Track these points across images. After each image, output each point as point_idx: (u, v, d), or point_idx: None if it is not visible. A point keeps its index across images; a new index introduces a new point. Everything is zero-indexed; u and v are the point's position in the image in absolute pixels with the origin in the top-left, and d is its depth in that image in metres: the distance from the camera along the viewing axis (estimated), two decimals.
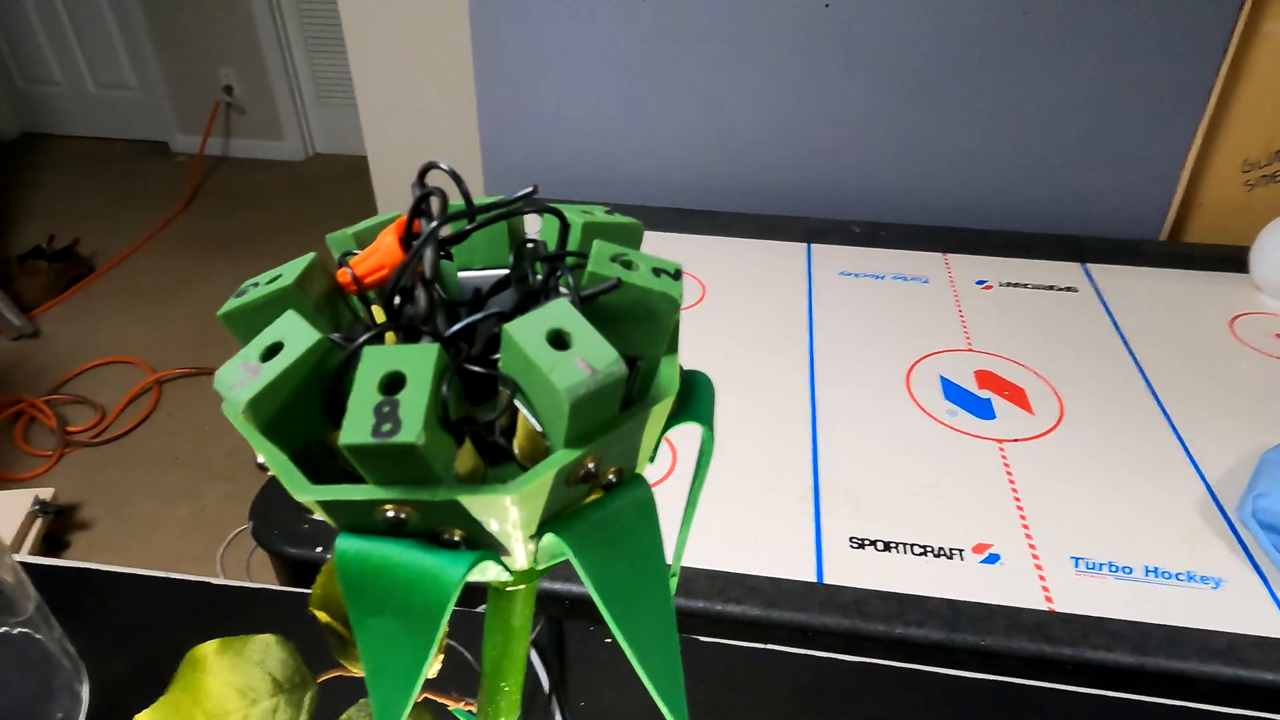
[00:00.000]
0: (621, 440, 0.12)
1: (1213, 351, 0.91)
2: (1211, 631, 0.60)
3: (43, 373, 1.88)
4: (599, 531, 0.12)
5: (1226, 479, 0.75)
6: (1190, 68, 1.07)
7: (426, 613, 0.12)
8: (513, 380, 0.12)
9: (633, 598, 0.13)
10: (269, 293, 0.13)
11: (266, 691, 0.20)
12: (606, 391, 0.11)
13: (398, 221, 0.14)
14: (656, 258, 0.13)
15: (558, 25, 1.18)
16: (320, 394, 0.13)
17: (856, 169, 1.22)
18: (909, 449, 0.78)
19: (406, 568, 0.12)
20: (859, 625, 0.61)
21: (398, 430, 0.10)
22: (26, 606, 0.51)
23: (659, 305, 0.13)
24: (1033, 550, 0.68)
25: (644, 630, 0.13)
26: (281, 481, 0.12)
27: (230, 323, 0.14)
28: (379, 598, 0.12)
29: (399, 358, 0.11)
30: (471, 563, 0.12)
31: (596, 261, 0.13)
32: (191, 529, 1.51)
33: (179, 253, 2.36)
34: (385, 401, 0.11)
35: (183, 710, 0.20)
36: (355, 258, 0.15)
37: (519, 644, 0.18)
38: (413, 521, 0.12)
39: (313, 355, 0.12)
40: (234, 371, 0.12)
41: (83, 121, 3.04)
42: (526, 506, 0.12)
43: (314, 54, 2.74)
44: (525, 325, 0.12)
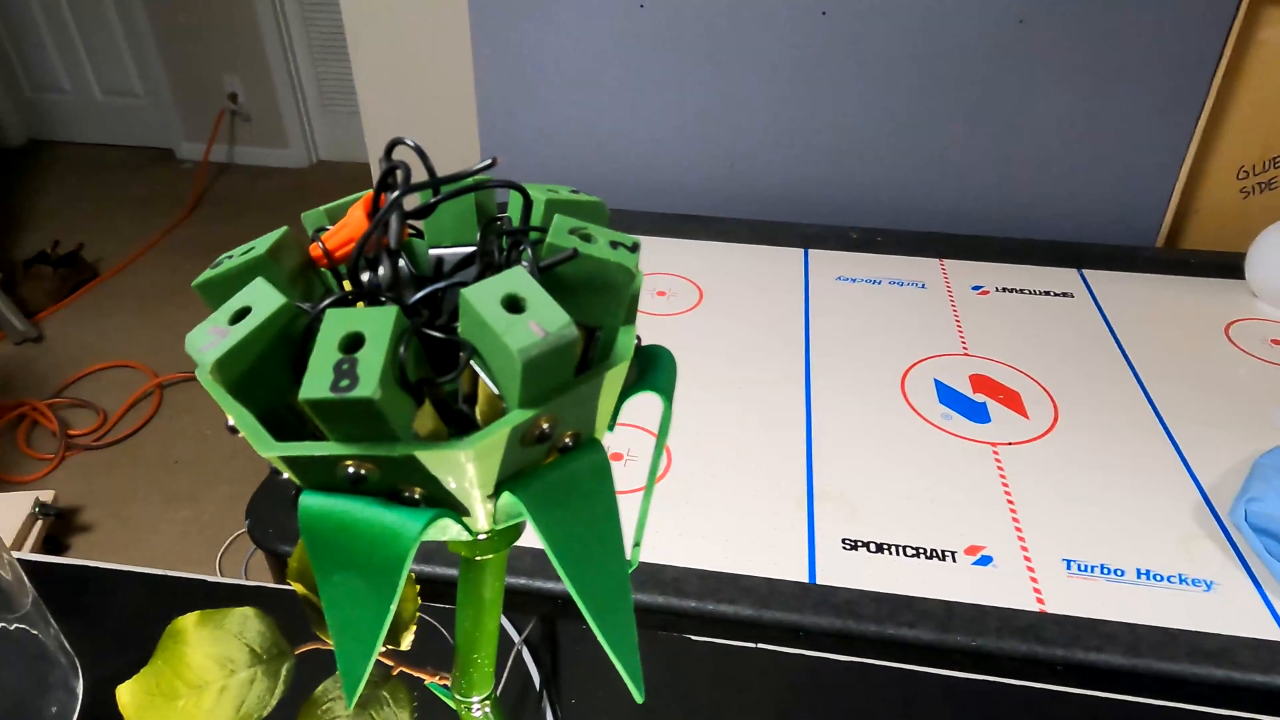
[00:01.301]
0: (576, 404, 0.13)
1: (1208, 357, 0.92)
2: (1204, 633, 0.60)
3: (46, 376, 1.89)
4: (555, 492, 0.13)
5: (1220, 483, 0.75)
6: (1186, 75, 1.08)
7: (386, 567, 0.12)
8: (470, 344, 0.12)
9: (588, 558, 0.13)
10: (242, 263, 0.14)
11: (245, 662, 0.20)
12: (559, 354, 0.12)
13: (366, 197, 0.15)
14: (615, 232, 0.14)
15: (557, 33, 1.20)
16: (287, 358, 0.13)
17: (853, 175, 1.23)
18: (903, 452, 0.79)
19: (367, 523, 0.12)
20: (851, 626, 0.61)
21: (355, 386, 0.11)
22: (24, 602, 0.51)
23: (615, 276, 0.13)
24: (1025, 552, 0.68)
25: (599, 591, 0.13)
26: (249, 440, 0.13)
27: (205, 292, 0.14)
28: (341, 554, 0.12)
29: (359, 319, 0.12)
30: (429, 519, 0.12)
31: (556, 234, 0.14)
32: (191, 532, 1.52)
33: (182, 259, 2.37)
34: (345, 359, 0.11)
35: (164, 680, 0.20)
36: (327, 233, 0.15)
37: (490, 616, 0.18)
38: (373, 478, 0.12)
39: (279, 318, 0.13)
40: (204, 334, 0.13)
41: (89, 128, 3.06)
42: (482, 464, 0.12)
43: (318, 62, 2.76)
44: (482, 290, 0.12)
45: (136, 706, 0.20)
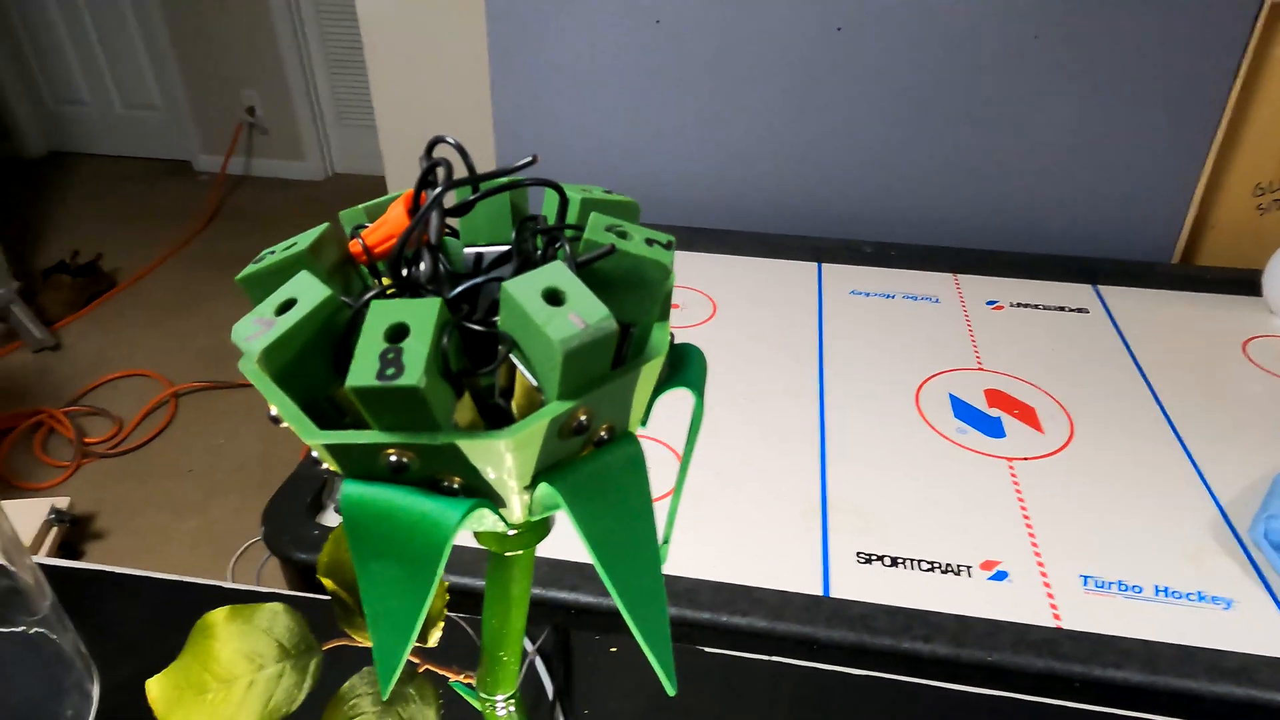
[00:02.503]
0: (613, 397, 0.13)
1: (1225, 373, 0.91)
2: (1223, 651, 0.60)
3: (63, 384, 1.91)
4: (591, 483, 0.13)
5: (1238, 500, 0.74)
6: (1202, 91, 1.08)
7: (425, 555, 0.12)
8: (510, 337, 0.13)
9: (622, 550, 0.13)
10: (284, 258, 0.14)
11: (273, 657, 0.20)
12: (598, 345, 0.12)
13: (406, 194, 0.15)
14: (650, 230, 0.14)
15: (573, 49, 1.21)
16: (330, 349, 0.13)
17: (867, 189, 1.23)
18: (917, 466, 0.78)
19: (407, 511, 0.12)
20: (865, 639, 0.61)
21: (401, 374, 0.11)
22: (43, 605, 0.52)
23: (651, 272, 0.14)
24: (1041, 568, 0.68)
25: (633, 582, 0.13)
26: (294, 429, 0.13)
27: (248, 286, 0.15)
28: (381, 541, 0.13)
29: (403, 310, 0.12)
30: (468, 508, 0.12)
31: (593, 230, 0.14)
32: (202, 541, 1.52)
33: (199, 269, 2.39)
34: (390, 349, 0.12)
35: (192, 675, 0.20)
36: (366, 229, 0.15)
37: (518, 614, 0.18)
38: (414, 467, 0.12)
39: (323, 310, 0.13)
40: (249, 325, 0.13)
41: (109, 141, 3.10)
42: (521, 454, 0.12)
43: (335, 75, 2.79)
44: (522, 283, 0.12)
45: (166, 700, 0.20)
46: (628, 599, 0.13)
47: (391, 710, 0.20)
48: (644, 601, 0.13)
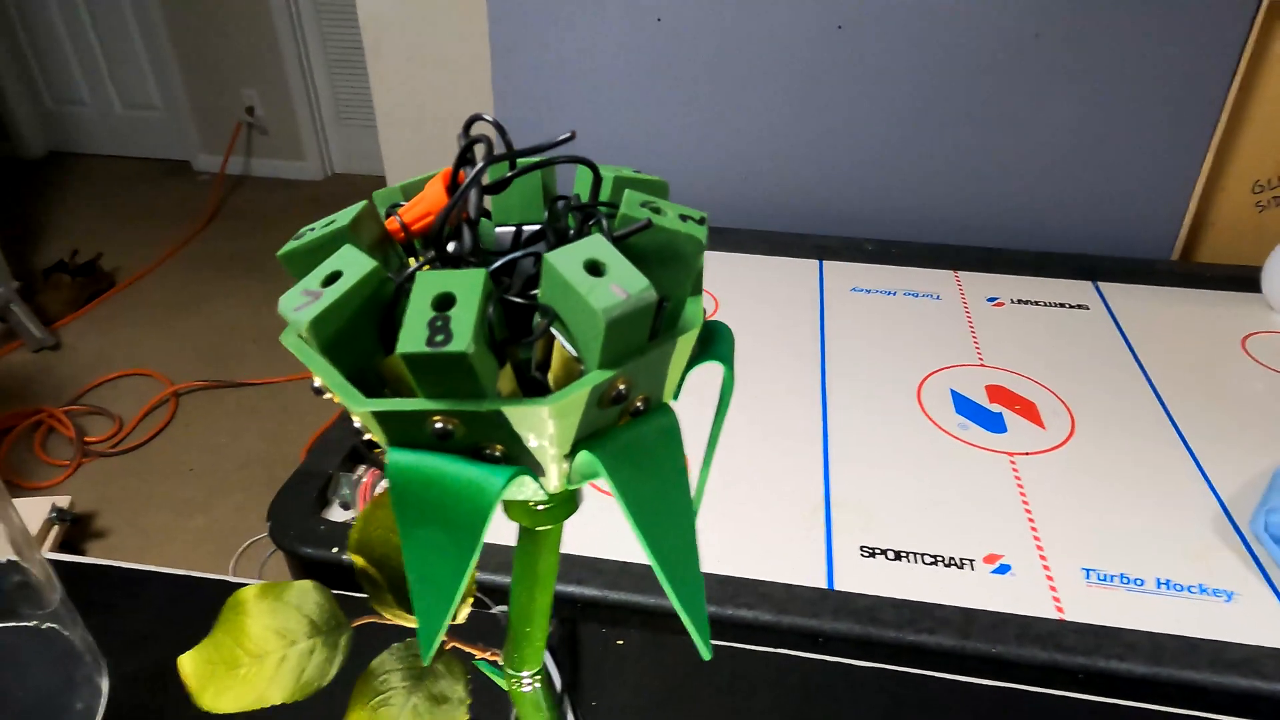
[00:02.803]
0: (650, 368, 0.13)
1: (1225, 369, 0.92)
2: (1226, 643, 0.60)
3: (63, 384, 1.91)
4: (629, 451, 0.13)
5: (1239, 494, 0.75)
6: (1201, 89, 1.08)
7: (470, 521, 0.13)
8: (551, 309, 0.13)
9: (659, 517, 0.13)
10: (324, 234, 0.15)
11: (304, 633, 0.20)
12: (638, 315, 0.12)
13: (443, 172, 0.16)
14: (683, 207, 0.14)
15: (575, 48, 1.21)
16: (374, 320, 0.14)
17: (868, 187, 1.23)
18: (920, 461, 0.79)
19: (452, 478, 0.13)
20: (871, 631, 0.61)
21: (449, 340, 0.12)
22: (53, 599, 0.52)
23: (685, 247, 0.14)
24: (1044, 561, 0.68)
25: (669, 548, 0.14)
26: (340, 398, 0.13)
27: (289, 263, 0.15)
28: (426, 508, 0.13)
29: (449, 280, 0.12)
30: (511, 475, 0.13)
31: (628, 206, 0.14)
32: (205, 540, 1.53)
33: (198, 269, 2.39)
34: (438, 317, 0.12)
35: (224, 650, 0.21)
36: (403, 207, 0.16)
37: (545, 590, 0.18)
38: (459, 434, 0.13)
39: (369, 281, 0.13)
40: (297, 297, 0.13)
41: (108, 141, 3.10)
42: (563, 421, 0.13)
43: (335, 76, 2.79)
44: (564, 255, 0.13)
45: (198, 675, 0.21)
46: (665, 565, 0.13)
47: (421, 685, 0.21)
48: (679, 567, 0.14)
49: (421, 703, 0.20)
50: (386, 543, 0.21)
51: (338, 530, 0.69)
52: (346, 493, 0.74)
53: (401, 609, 0.21)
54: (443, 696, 0.21)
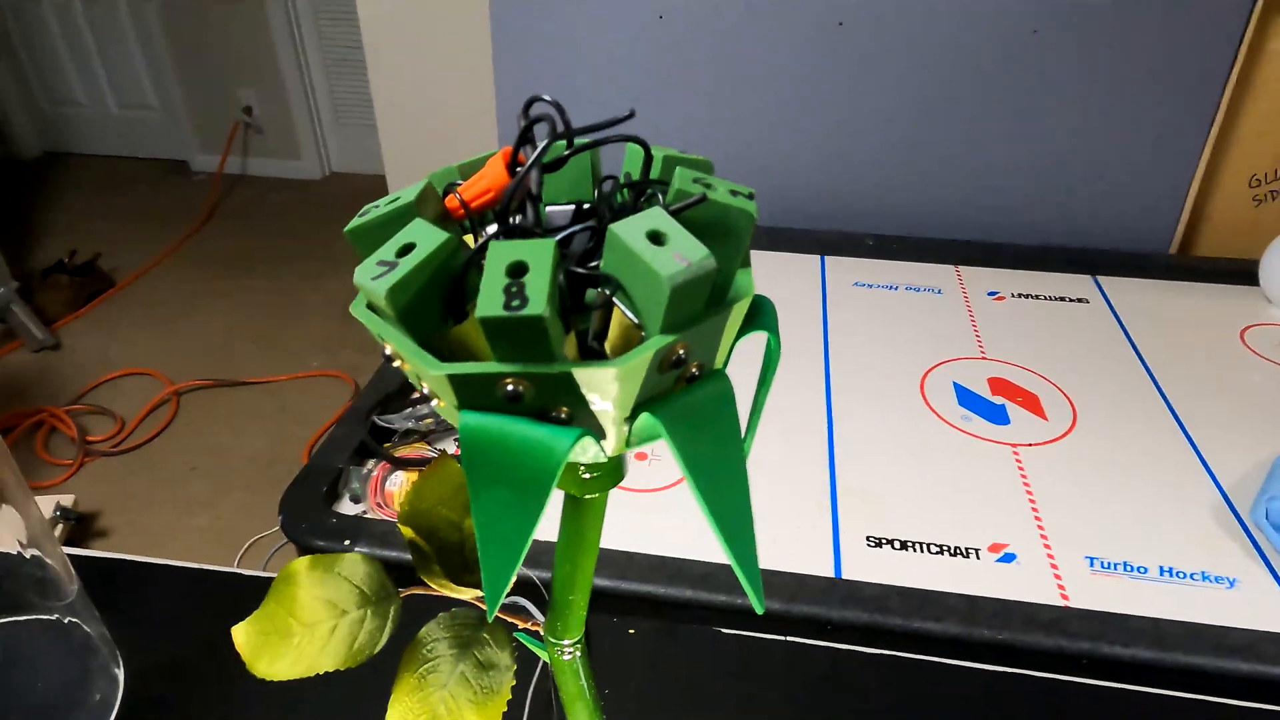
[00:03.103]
0: (706, 335, 0.14)
1: (1224, 362, 0.93)
2: (1228, 628, 0.61)
3: (63, 384, 1.91)
4: (687, 414, 0.14)
5: (1239, 484, 0.76)
6: (1198, 85, 1.10)
7: (538, 479, 0.13)
8: (614, 278, 0.14)
9: (716, 478, 0.14)
10: (391, 210, 0.15)
11: (354, 603, 0.21)
12: (699, 282, 0.13)
13: (503, 151, 0.16)
14: (732, 183, 0.15)
15: (577, 46, 1.22)
16: (443, 291, 0.14)
17: (869, 182, 1.24)
18: (924, 453, 0.79)
19: (522, 438, 0.13)
20: (878, 620, 0.62)
21: (526, 305, 0.12)
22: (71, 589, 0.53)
23: (738, 221, 0.15)
24: (1048, 550, 0.69)
25: (725, 506, 0.14)
26: (414, 364, 0.14)
27: (356, 238, 0.16)
28: (495, 468, 0.14)
29: (521, 249, 0.13)
30: (577, 435, 0.13)
31: (681, 181, 0.15)
32: (209, 538, 1.53)
33: (197, 268, 2.39)
34: (512, 283, 0.13)
35: (277, 620, 0.21)
36: (463, 185, 0.16)
37: (589, 558, 0.19)
38: (528, 396, 0.13)
39: (443, 251, 0.14)
40: (372, 267, 0.14)
41: (105, 141, 3.10)
42: (626, 383, 0.13)
43: (332, 75, 2.79)
44: (628, 225, 0.13)
45: (251, 646, 0.21)
46: (722, 524, 0.14)
47: (468, 653, 0.21)
48: (735, 527, 0.14)
49: (469, 669, 0.21)
50: (435, 514, 0.22)
51: (349, 524, 0.70)
52: (356, 486, 0.74)
53: (448, 579, 0.22)
54: (490, 663, 0.21)
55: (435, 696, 0.21)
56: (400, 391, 0.86)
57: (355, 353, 2.03)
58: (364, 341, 2.08)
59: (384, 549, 0.67)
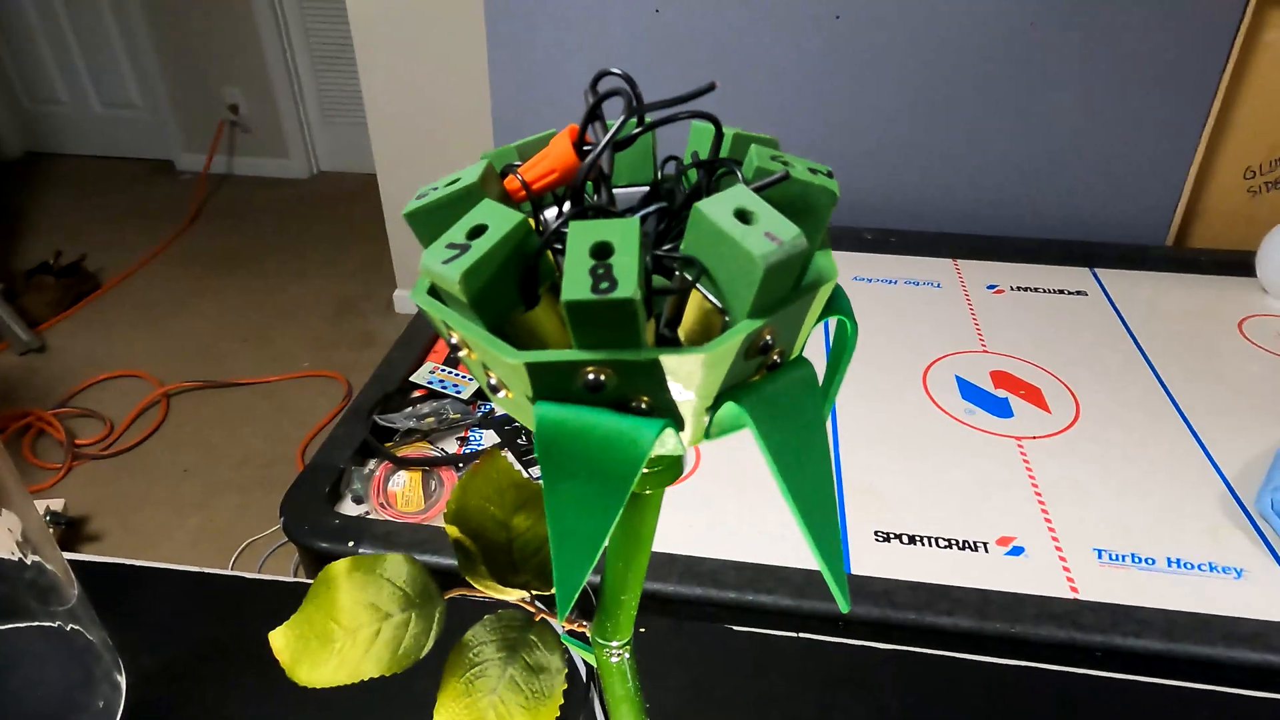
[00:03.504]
0: (791, 319, 0.13)
1: (1223, 352, 0.93)
2: (1237, 618, 0.61)
3: (50, 386, 1.88)
4: (772, 403, 0.13)
5: (1243, 473, 0.76)
6: (1193, 77, 1.10)
7: (620, 472, 0.13)
8: (697, 260, 0.13)
9: (801, 467, 0.13)
10: (454, 191, 0.15)
11: (398, 606, 0.20)
12: (791, 262, 0.12)
13: (569, 129, 0.15)
14: (809, 160, 0.14)
15: (573, 39, 1.21)
16: (517, 274, 0.14)
17: (866, 177, 1.24)
18: (929, 446, 0.79)
19: (604, 429, 0.13)
20: (890, 614, 0.61)
21: (615, 287, 0.12)
22: (71, 594, 0.52)
23: (819, 199, 0.14)
24: (1056, 543, 0.69)
25: (811, 498, 0.14)
26: (487, 353, 0.13)
27: (415, 221, 0.15)
28: (574, 461, 0.13)
29: (605, 229, 0.12)
30: (663, 425, 0.13)
31: (760, 159, 0.14)
32: (202, 540, 1.51)
33: (184, 269, 2.36)
34: (599, 265, 0.12)
35: (317, 625, 0.20)
36: (524, 166, 0.16)
37: (643, 555, 0.18)
38: (610, 385, 0.13)
39: (517, 233, 0.13)
40: (442, 250, 0.13)
41: (88, 140, 3.06)
42: (713, 371, 0.13)
43: (320, 73, 2.76)
44: (714, 204, 0.13)
45: (291, 651, 0.20)
46: (806, 515, 0.13)
47: (517, 656, 0.21)
48: (820, 520, 0.14)
49: (518, 673, 0.20)
50: (483, 513, 0.21)
51: (351, 524, 0.69)
52: (358, 487, 0.73)
53: (494, 580, 0.21)
54: (540, 666, 0.21)
55: (484, 702, 0.20)
56: (400, 390, 0.85)
57: (347, 352, 2.01)
58: (355, 341, 2.06)
59: (388, 549, 0.67)
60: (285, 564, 1.46)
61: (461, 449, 0.78)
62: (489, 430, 0.80)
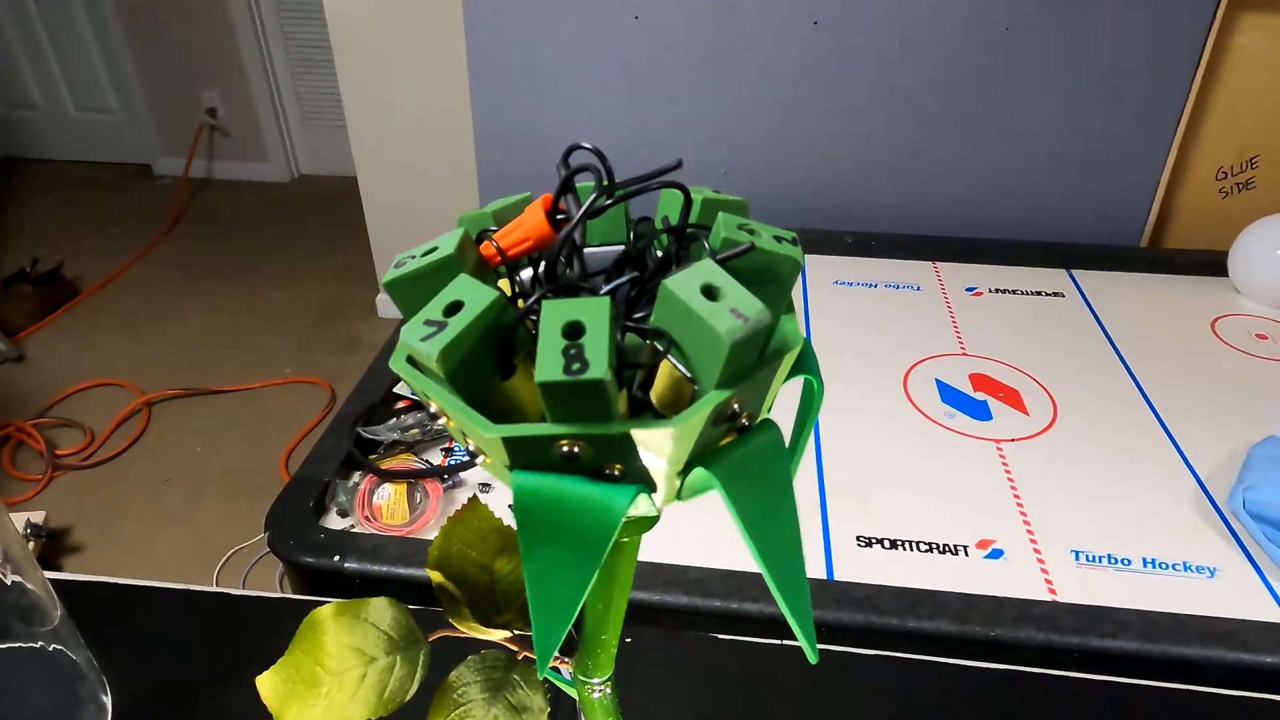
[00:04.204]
0: (758, 385, 0.14)
1: (1197, 352, 0.95)
2: (1212, 618, 0.62)
3: (29, 396, 1.86)
4: (740, 466, 0.14)
5: (1216, 473, 0.77)
6: (1165, 80, 1.11)
7: (594, 539, 0.13)
8: (666, 333, 0.13)
9: (769, 528, 0.14)
10: (432, 262, 0.15)
11: (383, 650, 0.21)
12: (756, 337, 0.13)
13: (543, 198, 0.16)
14: (773, 227, 0.15)
15: (553, 45, 1.21)
16: (493, 349, 0.14)
17: (846, 181, 1.25)
18: (909, 451, 0.80)
19: (579, 498, 0.13)
20: (873, 620, 0.62)
21: (586, 368, 0.12)
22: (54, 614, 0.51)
23: (783, 268, 0.15)
24: (1034, 546, 0.70)
25: (778, 556, 0.14)
26: (464, 425, 0.14)
27: (393, 291, 0.15)
28: (550, 528, 0.13)
29: (577, 308, 0.13)
30: (635, 493, 0.13)
31: (727, 229, 0.15)
32: (186, 550, 1.50)
33: (164, 275, 2.34)
34: (570, 345, 0.12)
35: (304, 669, 0.21)
36: (499, 232, 0.16)
37: (621, 597, 0.19)
38: (584, 456, 0.13)
39: (492, 310, 0.14)
40: (420, 327, 0.13)
41: (64, 145, 3.02)
42: (683, 441, 0.13)
43: (298, 76, 2.75)
44: (681, 280, 0.13)
45: (279, 695, 0.21)
46: (775, 574, 0.14)
47: (500, 696, 0.21)
48: (788, 575, 0.14)
49: (502, 713, 0.21)
50: (465, 558, 0.21)
51: (336, 538, 0.69)
52: (343, 500, 0.73)
53: (478, 621, 0.21)
54: (523, 706, 0.21)
55: None
56: (384, 402, 0.85)
57: (330, 357, 2.01)
58: (339, 346, 2.06)
59: (374, 563, 0.67)
60: (270, 574, 1.45)
61: (446, 460, 0.78)
62: None
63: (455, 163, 1.73)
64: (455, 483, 0.75)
